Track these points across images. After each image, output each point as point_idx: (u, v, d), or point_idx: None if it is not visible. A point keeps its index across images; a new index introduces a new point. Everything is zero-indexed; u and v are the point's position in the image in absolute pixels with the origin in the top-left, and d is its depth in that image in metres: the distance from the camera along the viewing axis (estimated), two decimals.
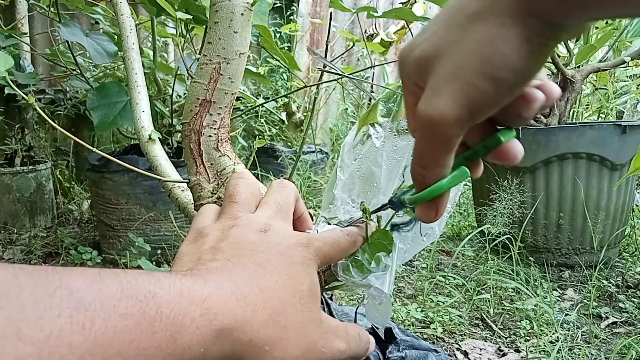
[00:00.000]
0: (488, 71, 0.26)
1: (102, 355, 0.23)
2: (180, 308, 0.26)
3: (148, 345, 0.24)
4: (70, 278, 0.24)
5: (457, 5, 0.28)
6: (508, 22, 0.25)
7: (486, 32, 0.26)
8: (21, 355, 0.20)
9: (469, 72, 0.27)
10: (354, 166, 0.46)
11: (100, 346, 0.23)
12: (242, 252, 0.33)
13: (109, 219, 1.68)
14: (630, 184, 1.78)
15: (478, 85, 0.26)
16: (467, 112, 0.27)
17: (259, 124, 2.84)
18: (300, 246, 0.35)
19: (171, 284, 0.27)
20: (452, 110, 0.27)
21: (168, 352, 0.25)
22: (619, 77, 2.55)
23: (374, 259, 0.41)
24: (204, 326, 0.27)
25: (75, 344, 0.22)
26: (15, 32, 1.82)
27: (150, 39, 1.56)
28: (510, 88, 0.27)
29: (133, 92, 0.69)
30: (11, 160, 2.14)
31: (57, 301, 0.22)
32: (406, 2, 1.52)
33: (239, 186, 0.41)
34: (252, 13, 0.49)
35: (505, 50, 0.26)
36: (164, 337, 0.25)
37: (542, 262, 1.75)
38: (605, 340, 1.30)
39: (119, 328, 0.23)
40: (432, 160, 0.30)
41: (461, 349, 1.22)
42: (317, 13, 3.36)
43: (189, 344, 0.26)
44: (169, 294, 0.26)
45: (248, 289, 0.30)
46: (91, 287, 0.24)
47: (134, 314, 0.24)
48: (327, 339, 0.34)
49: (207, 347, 0.27)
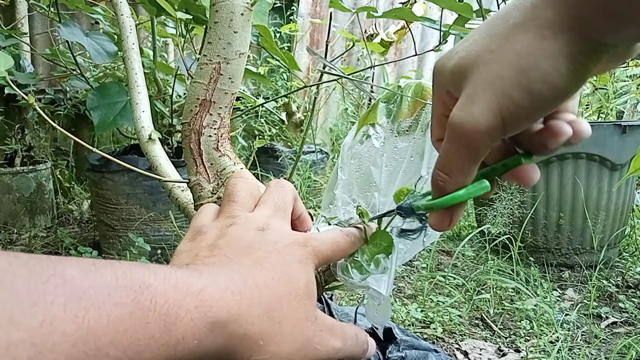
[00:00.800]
0: (525, 83, 0.26)
1: (95, 343, 0.23)
2: (175, 299, 0.26)
3: (141, 335, 0.24)
4: (65, 267, 0.24)
5: (501, 15, 0.28)
6: (550, 36, 0.25)
7: (527, 44, 0.26)
8: (14, 342, 0.20)
9: (506, 82, 0.26)
10: (353, 166, 0.46)
11: (94, 334, 0.23)
12: (239, 249, 0.33)
13: (109, 219, 1.68)
14: (630, 184, 1.78)
15: (514, 96, 0.26)
16: (500, 123, 0.27)
17: (259, 124, 2.84)
18: (298, 245, 0.35)
19: (166, 275, 0.27)
20: (486, 119, 0.27)
21: (162, 342, 0.25)
22: (619, 77, 2.55)
23: (373, 260, 0.40)
24: (198, 318, 0.27)
25: (68, 332, 0.22)
26: (15, 32, 1.82)
27: (150, 39, 1.56)
28: (545, 103, 0.26)
29: (133, 92, 0.69)
30: (11, 160, 2.14)
31: (51, 289, 0.22)
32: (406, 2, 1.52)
33: (238, 185, 0.41)
34: (252, 13, 0.49)
35: (544, 64, 0.25)
36: (157, 328, 0.25)
37: (542, 262, 1.75)
38: (605, 340, 1.30)
39: (113, 317, 0.23)
40: (457, 168, 0.30)
41: (461, 349, 1.22)
42: (317, 13, 3.36)
43: (182, 335, 0.26)
44: (163, 285, 0.26)
45: (243, 284, 0.30)
46: (86, 276, 0.24)
47: (128, 303, 0.24)
48: (322, 336, 0.34)
49: (201, 339, 0.27)
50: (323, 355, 0.34)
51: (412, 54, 0.98)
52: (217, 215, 0.40)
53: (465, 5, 0.83)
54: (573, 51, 0.25)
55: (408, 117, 0.45)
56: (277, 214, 0.38)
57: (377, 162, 0.44)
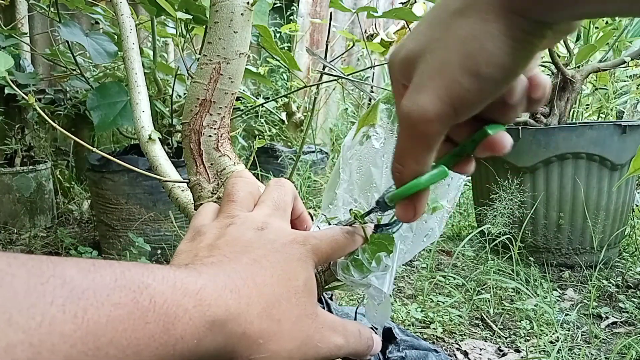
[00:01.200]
0: (472, 67, 0.26)
1: (95, 344, 0.23)
2: (174, 299, 0.26)
3: (141, 335, 0.24)
4: (64, 267, 0.24)
5: (442, 4, 0.28)
6: (491, 19, 0.25)
7: (469, 29, 0.26)
8: (12, 343, 0.20)
9: (452, 68, 0.26)
10: (354, 167, 0.46)
11: (93, 335, 0.23)
12: (238, 248, 0.33)
13: (109, 219, 1.68)
14: (630, 184, 1.78)
15: (462, 81, 0.26)
16: (450, 109, 0.27)
17: (259, 124, 2.84)
18: (297, 243, 0.35)
19: (165, 275, 0.27)
20: (434, 106, 0.27)
21: (161, 342, 0.25)
22: (619, 77, 2.55)
23: (374, 258, 0.40)
24: (197, 317, 0.27)
25: (67, 333, 0.22)
26: (15, 32, 1.82)
27: (150, 39, 1.56)
28: (495, 84, 0.26)
29: (133, 92, 0.69)
30: (11, 160, 2.14)
31: (50, 289, 0.22)
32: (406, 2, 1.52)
33: (237, 185, 0.41)
34: (252, 13, 0.49)
35: (489, 46, 0.25)
36: (156, 328, 0.25)
37: (542, 262, 1.75)
38: (605, 340, 1.30)
39: (112, 317, 0.23)
40: (410, 157, 0.30)
41: (461, 349, 1.22)
42: (317, 13, 3.36)
43: (182, 334, 0.26)
44: (162, 285, 0.26)
45: (242, 282, 0.30)
46: (85, 277, 0.24)
47: (127, 303, 0.24)
48: (323, 333, 0.33)
49: (200, 338, 0.27)
50: (325, 353, 0.33)
51: None
52: (216, 214, 0.40)
53: None
54: (515, 31, 0.25)
55: None
56: (276, 213, 0.38)
57: (377, 162, 0.44)
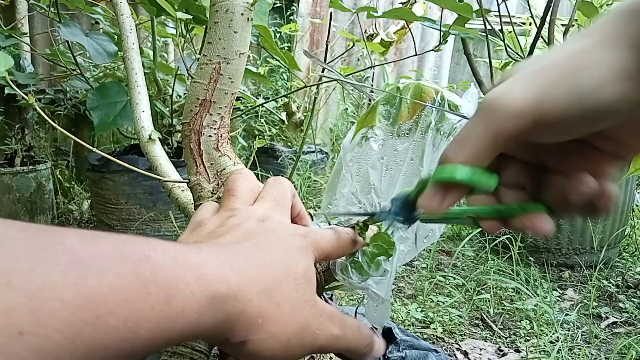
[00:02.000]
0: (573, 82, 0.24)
1: (95, 312, 0.22)
2: (175, 272, 0.26)
3: (142, 305, 0.24)
4: (65, 236, 0.23)
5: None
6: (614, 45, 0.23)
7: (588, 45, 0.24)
8: (11, 305, 0.20)
9: (556, 72, 0.25)
10: (353, 168, 0.46)
11: (93, 303, 0.22)
12: (239, 234, 0.34)
13: (109, 219, 1.68)
14: (630, 184, 1.78)
15: (558, 88, 0.25)
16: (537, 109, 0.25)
17: (259, 124, 2.84)
18: (298, 235, 0.35)
19: (165, 248, 0.27)
20: (525, 97, 0.25)
21: (162, 314, 0.25)
22: None
23: (373, 262, 0.40)
24: (198, 291, 0.26)
25: (67, 299, 0.21)
26: (15, 32, 1.82)
27: (150, 39, 1.55)
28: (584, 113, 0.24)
29: (133, 92, 0.69)
30: (11, 160, 2.13)
31: (51, 255, 0.22)
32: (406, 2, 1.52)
33: (238, 181, 0.41)
34: (252, 13, 0.49)
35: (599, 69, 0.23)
36: (157, 299, 0.25)
37: (542, 262, 1.75)
38: (605, 340, 1.30)
39: (113, 287, 0.23)
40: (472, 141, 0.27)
41: (461, 349, 1.22)
42: (317, 13, 3.36)
43: (182, 308, 0.26)
44: (163, 257, 0.26)
45: (243, 262, 0.30)
46: (85, 245, 0.23)
47: (128, 274, 0.24)
48: (321, 321, 0.33)
49: (201, 312, 0.27)
50: (322, 341, 0.33)
51: (412, 54, 0.98)
52: (217, 211, 0.40)
53: (465, 5, 0.83)
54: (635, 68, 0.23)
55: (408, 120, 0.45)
56: (276, 208, 0.39)
57: (375, 164, 0.44)
